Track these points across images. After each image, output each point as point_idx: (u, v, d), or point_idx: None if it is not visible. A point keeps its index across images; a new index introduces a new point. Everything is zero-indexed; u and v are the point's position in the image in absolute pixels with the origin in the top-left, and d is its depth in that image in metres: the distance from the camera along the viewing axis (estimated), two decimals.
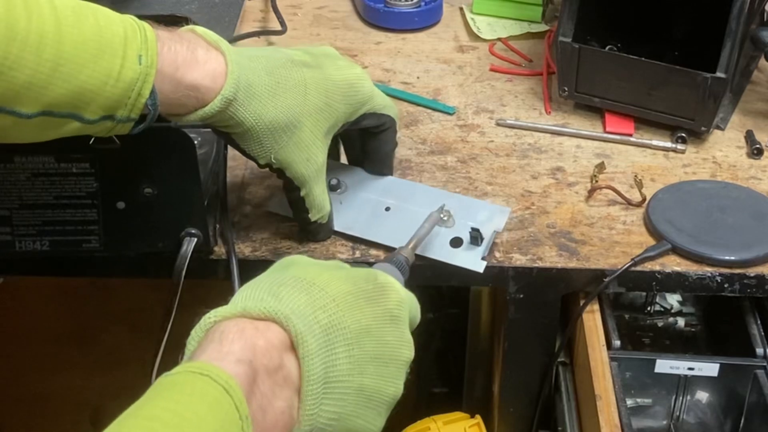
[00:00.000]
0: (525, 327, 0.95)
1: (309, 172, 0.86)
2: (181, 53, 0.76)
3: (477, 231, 0.90)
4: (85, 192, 0.83)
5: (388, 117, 0.93)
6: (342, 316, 0.68)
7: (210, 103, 0.77)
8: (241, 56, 0.80)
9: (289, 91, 0.83)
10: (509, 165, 1.05)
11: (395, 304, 0.72)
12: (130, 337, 1.54)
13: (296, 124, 0.83)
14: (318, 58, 0.87)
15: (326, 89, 0.86)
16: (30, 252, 0.85)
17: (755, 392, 0.92)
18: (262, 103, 0.81)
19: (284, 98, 0.82)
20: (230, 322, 0.63)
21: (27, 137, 0.73)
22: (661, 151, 1.08)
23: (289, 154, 0.84)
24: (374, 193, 0.96)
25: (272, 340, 0.63)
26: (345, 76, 0.88)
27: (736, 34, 1.02)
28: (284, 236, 0.93)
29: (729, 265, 0.91)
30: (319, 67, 0.86)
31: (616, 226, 0.97)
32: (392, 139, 0.95)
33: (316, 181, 0.87)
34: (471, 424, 1.01)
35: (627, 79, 1.08)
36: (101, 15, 0.72)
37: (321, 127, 0.85)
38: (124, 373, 1.55)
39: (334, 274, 0.71)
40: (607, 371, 0.89)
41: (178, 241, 0.84)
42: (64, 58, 0.69)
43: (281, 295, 0.66)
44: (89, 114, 0.72)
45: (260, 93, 0.81)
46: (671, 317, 1.08)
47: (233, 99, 0.78)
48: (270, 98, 0.81)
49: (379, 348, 0.69)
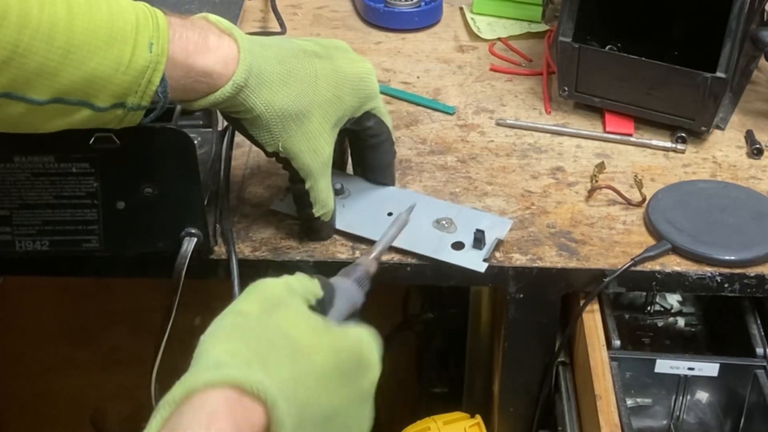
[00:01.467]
0: (525, 327, 0.95)
1: (315, 163, 0.86)
2: (193, 40, 0.76)
3: (481, 232, 0.90)
4: (85, 192, 0.83)
5: (386, 127, 0.93)
6: (319, 396, 0.64)
7: (221, 88, 0.78)
8: (253, 44, 0.81)
9: (300, 80, 0.83)
10: (509, 165, 1.05)
11: (369, 384, 0.70)
12: (130, 337, 1.54)
13: (306, 114, 0.84)
14: (329, 49, 0.88)
15: (336, 81, 0.86)
16: (30, 252, 0.85)
17: (755, 392, 0.92)
18: (272, 90, 0.81)
19: (295, 87, 0.83)
20: (219, 396, 0.58)
21: (39, 125, 0.73)
22: (661, 151, 1.08)
23: (297, 144, 0.84)
24: (377, 199, 0.96)
25: (255, 425, 0.58)
26: (356, 69, 0.88)
27: (736, 34, 1.02)
28: (284, 236, 0.93)
29: (729, 265, 0.91)
30: (329, 58, 0.87)
31: (616, 226, 0.97)
32: (391, 150, 0.96)
33: (321, 175, 0.87)
34: (471, 424, 1.01)
35: (627, 79, 1.08)
36: (114, 2, 0.73)
37: (330, 119, 0.86)
38: (124, 373, 1.55)
39: (321, 341, 0.66)
40: (607, 371, 0.89)
41: (178, 241, 0.84)
42: (75, 45, 0.70)
43: (269, 363, 0.62)
44: (100, 102, 0.73)
45: (271, 80, 0.81)
46: (671, 317, 1.08)
47: (244, 85, 0.79)
48: (281, 86, 0.82)
49: (342, 429, 0.67)
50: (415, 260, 0.91)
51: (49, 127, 0.74)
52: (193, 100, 0.79)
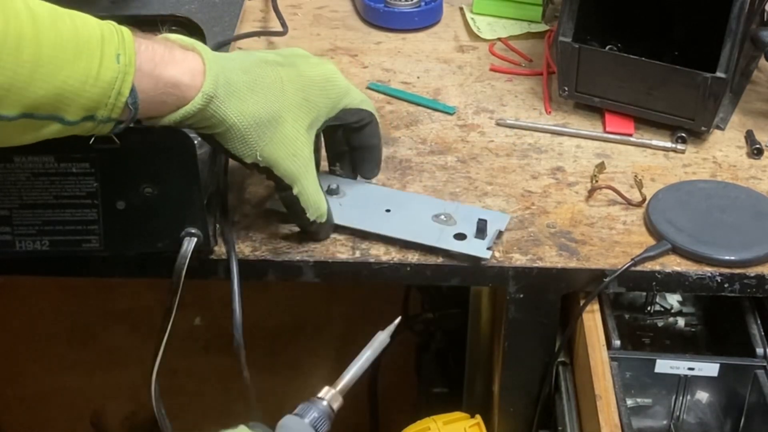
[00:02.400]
0: (525, 327, 0.95)
1: (296, 167, 0.86)
2: (159, 51, 0.77)
3: (484, 222, 0.90)
4: (85, 192, 0.83)
5: (366, 112, 0.93)
6: None
7: (191, 101, 0.78)
8: (217, 56, 0.81)
9: (267, 87, 0.84)
10: (509, 165, 1.05)
11: None
12: (130, 337, 1.55)
13: (278, 119, 0.84)
14: (289, 57, 0.89)
15: (303, 85, 0.87)
16: (30, 252, 0.85)
17: (755, 392, 0.92)
18: (242, 99, 0.81)
19: (263, 95, 0.83)
20: None
21: (8, 140, 0.73)
22: (661, 151, 1.08)
23: (274, 150, 0.84)
24: (373, 199, 0.97)
25: None
26: (319, 71, 0.89)
27: (736, 34, 1.02)
28: (284, 236, 0.93)
29: (729, 265, 0.91)
30: (292, 65, 0.88)
31: (616, 226, 0.97)
32: (376, 134, 0.96)
33: (306, 177, 0.87)
34: (471, 424, 1.01)
35: (627, 79, 1.08)
36: (77, 17, 0.73)
37: (302, 122, 0.86)
38: (124, 373, 1.55)
39: None
40: (607, 371, 0.89)
41: (178, 241, 0.84)
42: (43, 59, 0.69)
43: None
44: (70, 115, 0.72)
45: (239, 90, 0.81)
46: (671, 317, 1.08)
47: (214, 95, 0.79)
48: (249, 94, 0.82)
49: None
50: (415, 260, 0.91)
51: (18, 141, 0.73)
52: (164, 114, 0.78)
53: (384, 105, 1.15)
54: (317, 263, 0.91)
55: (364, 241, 0.93)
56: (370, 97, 1.16)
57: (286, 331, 1.57)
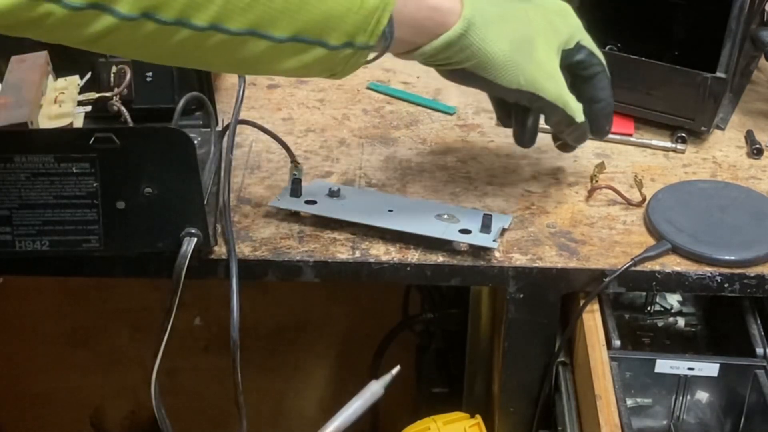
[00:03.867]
0: (525, 327, 0.95)
1: (557, 86, 0.89)
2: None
3: (489, 217, 0.90)
4: (85, 192, 0.83)
5: (598, 59, 0.94)
6: None
7: (453, 27, 0.82)
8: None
9: (515, 17, 0.88)
10: (509, 165, 1.05)
11: None
12: (130, 337, 1.55)
13: (531, 43, 0.87)
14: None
15: (545, 13, 0.90)
16: (30, 252, 0.85)
17: (755, 392, 0.92)
18: (496, 27, 0.85)
19: (513, 23, 0.87)
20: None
21: (275, 65, 0.77)
22: (661, 151, 1.08)
23: (533, 73, 0.87)
24: (375, 201, 0.96)
25: None
26: (555, 6, 0.93)
27: (736, 34, 1.02)
28: (284, 236, 0.93)
29: (729, 265, 0.91)
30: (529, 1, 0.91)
31: (616, 226, 0.97)
32: (607, 87, 0.95)
33: (566, 92, 0.90)
34: (471, 424, 1.01)
35: (627, 79, 1.08)
36: None
37: (552, 45, 0.90)
38: (124, 373, 1.56)
39: None
40: (607, 371, 0.89)
41: (178, 241, 0.84)
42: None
43: None
44: (333, 40, 0.76)
45: (493, 19, 0.85)
46: (671, 317, 1.08)
47: (473, 22, 0.82)
48: (502, 24, 0.86)
49: None
50: (415, 260, 0.91)
51: (283, 67, 0.77)
52: (423, 43, 0.82)
53: (384, 105, 1.15)
54: (317, 263, 0.91)
55: (364, 241, 0.93)
56: (370, 96, 1.15)
57: (286, 331, 1.57)
